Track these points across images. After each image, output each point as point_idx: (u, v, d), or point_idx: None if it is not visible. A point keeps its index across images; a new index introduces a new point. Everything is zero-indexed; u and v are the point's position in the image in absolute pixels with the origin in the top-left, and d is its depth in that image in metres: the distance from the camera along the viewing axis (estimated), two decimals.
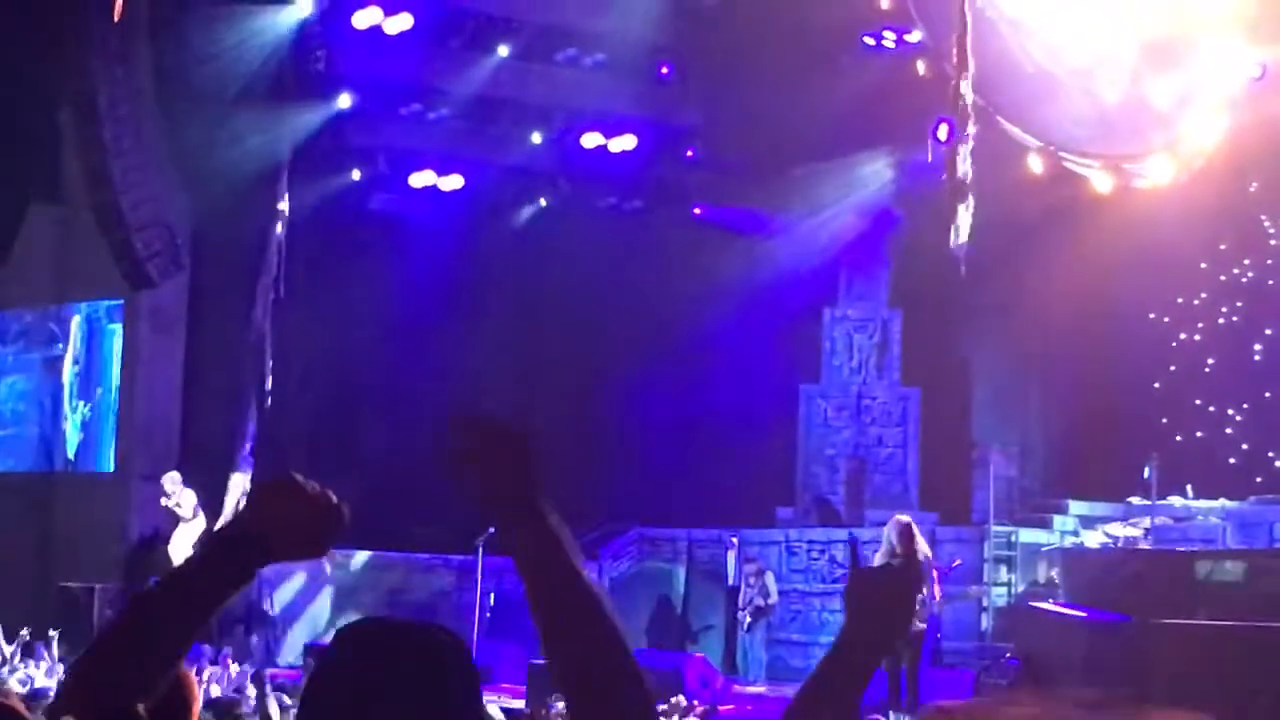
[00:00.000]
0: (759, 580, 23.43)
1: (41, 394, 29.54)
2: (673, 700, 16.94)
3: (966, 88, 22.32)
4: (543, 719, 14.66)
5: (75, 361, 28.96)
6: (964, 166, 22.31)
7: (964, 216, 22.40)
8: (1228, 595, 18.14)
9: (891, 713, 16.58)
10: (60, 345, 29.11)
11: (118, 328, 28.39)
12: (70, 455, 29.00)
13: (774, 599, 23.46)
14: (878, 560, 18.06)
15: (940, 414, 27.56)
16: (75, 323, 28.92)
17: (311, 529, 2.75)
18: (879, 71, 25.37)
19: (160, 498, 24.73)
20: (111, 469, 28.32)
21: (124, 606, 2.64)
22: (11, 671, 18.85)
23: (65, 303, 28.96)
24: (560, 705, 17.42)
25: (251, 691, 16.09)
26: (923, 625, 17.76)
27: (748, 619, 23.45)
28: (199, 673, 18.51)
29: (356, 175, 29.07)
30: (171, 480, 24.58)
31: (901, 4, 25.11)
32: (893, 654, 17.36)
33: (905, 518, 18.57)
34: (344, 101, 27.70)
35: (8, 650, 20.69)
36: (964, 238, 22.44)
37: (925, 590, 17.60)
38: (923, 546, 18.02)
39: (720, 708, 19.87)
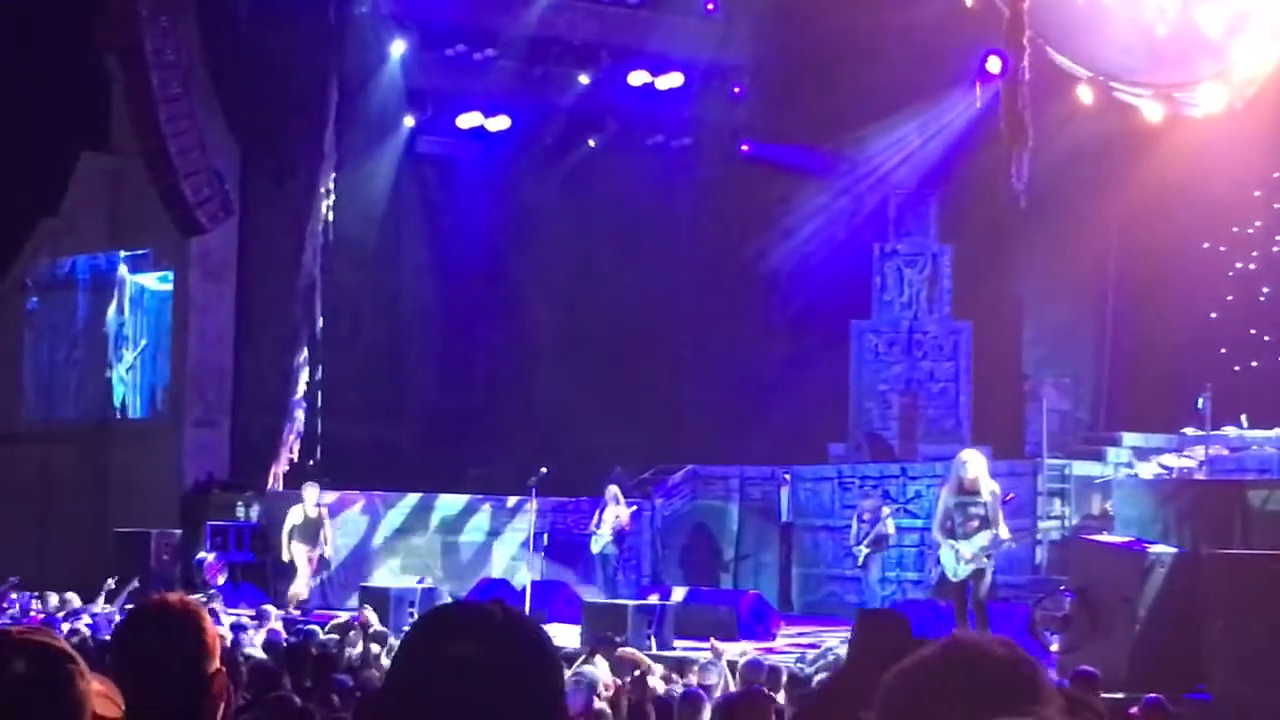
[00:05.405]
0: (874, 514, 23.09)
1: (92, 342, 29.67)
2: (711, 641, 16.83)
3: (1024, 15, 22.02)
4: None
5: (123, 310, 29.05)
6: (1022, 104, 22.04)
7: (1023, 155, 22.21)
8: None
9: None
10: (109, 292, 29.22)
11: (167, 274, 28.49)
12: (116, 403, 29.15)
13: (891, 532, 23.13)
14: (944, 494, 18.02)
15: (992, 347, 27.42)
16: (122, 270, 29.01)
17: None
18: (926, 3, 25.15)
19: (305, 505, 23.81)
20: (154, 416, 28.52)
21: None
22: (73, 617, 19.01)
23: (115, 250, 29.07)
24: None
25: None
26: (990, 560, 17.78)
27: (864, 552, 23.02)
28: (259, 617, 18.74)
29: (409, 121, 29.00)
30: (312, 489, 23.99)
31: None
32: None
33: (971, 453, 18.50)
34: (397, 48, 27.66)
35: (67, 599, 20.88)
36: (1024, 177, 22.25)
37: (995, 528, 17.57)
38: (992, 483, 17.96)
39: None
